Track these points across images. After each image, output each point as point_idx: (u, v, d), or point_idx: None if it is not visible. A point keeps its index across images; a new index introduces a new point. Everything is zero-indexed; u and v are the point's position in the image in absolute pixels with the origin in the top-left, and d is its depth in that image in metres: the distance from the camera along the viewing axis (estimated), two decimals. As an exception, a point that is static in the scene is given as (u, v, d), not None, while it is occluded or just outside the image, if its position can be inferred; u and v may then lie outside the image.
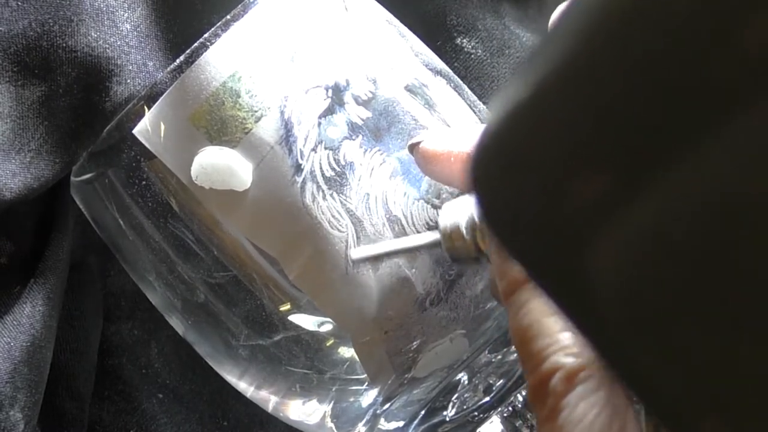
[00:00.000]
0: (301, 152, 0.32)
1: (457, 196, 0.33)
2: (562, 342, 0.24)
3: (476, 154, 0.17)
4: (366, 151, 0.32)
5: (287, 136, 0.32)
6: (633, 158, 0.14)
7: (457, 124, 0.35)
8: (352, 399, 0.34)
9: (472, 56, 0.45)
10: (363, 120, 0.33)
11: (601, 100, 0.14)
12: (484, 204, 0.17)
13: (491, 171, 0.17)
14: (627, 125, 0.14)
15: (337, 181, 0.32)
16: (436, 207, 0.33)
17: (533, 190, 0.16)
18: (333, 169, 0.32)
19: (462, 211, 0.29)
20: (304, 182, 0.31)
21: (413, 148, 0.32)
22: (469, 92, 0.37)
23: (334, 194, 0.32)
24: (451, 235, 0.29)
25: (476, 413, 0.34)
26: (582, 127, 0.15)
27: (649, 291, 0.14)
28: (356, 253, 0.31)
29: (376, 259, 0.31)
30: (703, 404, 0.14)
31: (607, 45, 0.14)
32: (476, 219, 0.29)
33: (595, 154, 0.15)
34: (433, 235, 0.30)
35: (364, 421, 0.35)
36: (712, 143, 0.13)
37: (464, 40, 0.45)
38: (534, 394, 0.26)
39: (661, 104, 0.14)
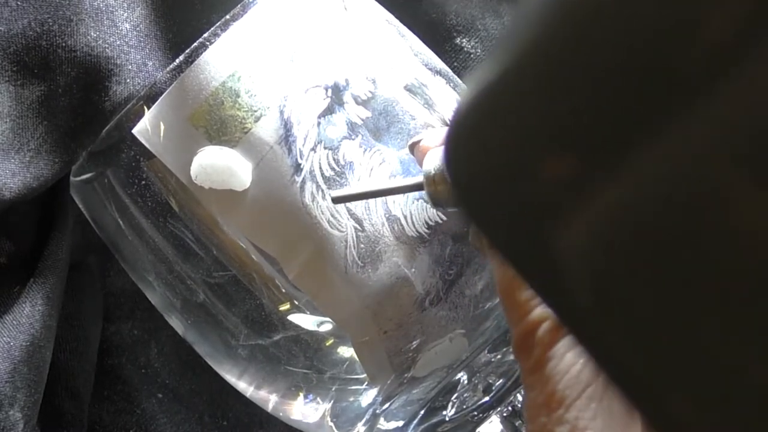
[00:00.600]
0: (301, 152, 0.32)
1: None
2: None
3: (450, 132, 0.17)
4: (365, 150, 0.32)
5: (287, 136, 0.31)
6: (601, 141, 0.14)
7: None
8: (351, 398, 0.34)
9: (472, 56, 0.45)
10: (362, 120, 0.33)
11: (570, 82, 0.14)
12: (456, 182, 0.17)
13: (464, 149, 0.17)
14: (595, 108, 0.14)
15: (337, 180, 0.32)
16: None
17: (503, 169, 0.16)
18: (332, 168, 0.32)
19: None
20: (303, 182, 0.31)
21: (413, 148, 0.32)
22: (469, 92, 0.37)
23: (334, 194, 0.32)
24: (435, 179, 0.29)
25: (476, 413, 0.34)
26: (552, 108, 0.15)
27: (616, 274, 0.14)
28: (336, 192, 0.31)
29: (356, 198, 0.31)
30: (670, 384, 0.14)
31: (576, 29, 0.14)
32: None
33: (564, 135, 0.15)
34: (416, 179, 0.30)
35: (363, 420, 0.35)
36: (676, 129, 0.13)
37: (464, 40, 0.45)
38: (519, 344, 0.26)
39: (628, 90, 0.14)
